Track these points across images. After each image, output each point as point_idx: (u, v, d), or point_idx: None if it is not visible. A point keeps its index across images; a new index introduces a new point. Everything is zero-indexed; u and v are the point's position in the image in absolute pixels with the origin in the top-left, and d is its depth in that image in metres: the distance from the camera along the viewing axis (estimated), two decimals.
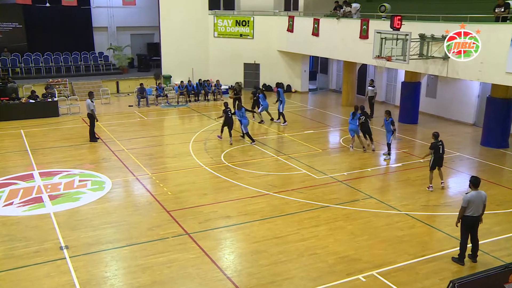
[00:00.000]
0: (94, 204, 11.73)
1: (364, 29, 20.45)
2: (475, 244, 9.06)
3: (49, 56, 27.79)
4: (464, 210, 8.76)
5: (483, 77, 15.54)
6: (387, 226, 10.71)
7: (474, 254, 9.09)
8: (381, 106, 23.88)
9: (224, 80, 27.01)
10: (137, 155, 15.56)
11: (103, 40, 30.13)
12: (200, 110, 23.01)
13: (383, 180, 13.89)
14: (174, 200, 11.97)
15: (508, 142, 16.93)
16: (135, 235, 10.12)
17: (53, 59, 27.81)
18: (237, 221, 10.85)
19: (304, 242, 9.84)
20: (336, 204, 11.80)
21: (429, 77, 21.76)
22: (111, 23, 30.29)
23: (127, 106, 23.52)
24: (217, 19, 27.98)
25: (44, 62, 27.56)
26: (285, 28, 26.31)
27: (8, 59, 26.65)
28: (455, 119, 20.84)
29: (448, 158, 15.49)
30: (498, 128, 16.70)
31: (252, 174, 13.89)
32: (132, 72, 29.07)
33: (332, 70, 29.30)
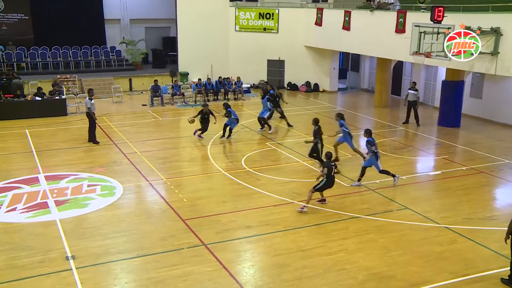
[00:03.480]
0: (104, 211, 11.84)
1: (400, 22, 20.24)
2: None
3: (57, 50, 28.37)
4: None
5: None
6: (424, 240, 10.52)
7: None
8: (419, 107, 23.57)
9: (246, 78, 27.08)
10: (150, 159, 15.69)
11: (115, 34, 30.61)
12: (220, 110, 23.07)
13: (420, 189, 13.67)
14: (190, 208, 12.01)
15: None
16: (147, 245, 10.16)
17: (62, 53, 28.39)
18: (258, 232, 10.81)
19: (331, 256, 9.75)
20: (367, 215, 11.66)
21: (474, 75, 21.38)
22: (124, 15, 30.76)
23: (141, 105, 23.77)
24: (238, 12, 28.11)
25: (51, 56, 28.16)
26: (313, 22, 26.25)
27: (13, 53, 27.21)
28: (503, 122, 20.42)
29: (495, 166, 15.19)
30: None
31: (275, 181, 13.86)
32: (146, 69, 29.45)
33: (364, 68, 29.10)
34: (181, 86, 24.92)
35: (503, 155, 16.18)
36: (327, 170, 11.77)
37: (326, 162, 11.99)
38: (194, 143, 17.58)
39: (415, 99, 20.05)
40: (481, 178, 14.21)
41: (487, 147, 17.13)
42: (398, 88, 26.18)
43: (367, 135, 13.55)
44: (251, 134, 18.76)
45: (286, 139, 18.02)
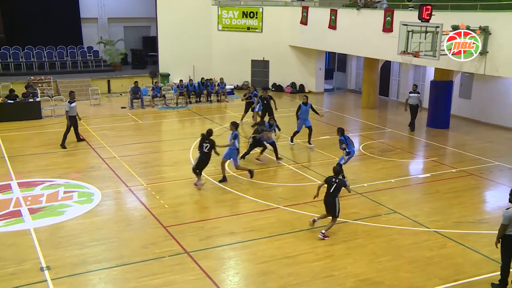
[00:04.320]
0: (81, 218, 11.72)
1: (388, 21, 20.41)
2: None
3: (31, 50, 28.02)
4: (505, 229, 8.62)
5: None
6: (414, 245, 10.60)
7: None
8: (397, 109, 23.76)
9: (229, 79, 27.07)
10: (130, 163, 15.59)
11: (92, 33, 30.40)
12: (202, 112, 23.06)
13: (409, 192, 13.77)
14: (172, 214, 11.95)
15: None
16: (127, 253, 10.09)
17: (35, 53, 28.03)
18: (243, 238, 10.79)
19: (318, 263, 9.77)
20: (355, 220, 11.71)
21: (463, 75, 21.64)
22: (101, 14, 30.57)
23: (120, 107, 23.62)
24: (221, 10, 28.12)
25: (24, 57, 27.78)
26: (298, 21, 26.36)
27: None
28: (493, 123, 20.68)
29: (485, 168, 15.38)
30: None
31: (260, 185, 13.86)
32: (125, 70, 29.26)
33: (351, 68, 29.29)
34: (162, 88, 24.81)
35: (493, 157, 16.38)
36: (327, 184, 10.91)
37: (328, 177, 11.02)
38: (175, 147, 17.50)
39: (417, 102, 19.73)
40: (471, 181, 14.37)
41: (476, 149, 17.33)
42: (386, 88, 26.39)
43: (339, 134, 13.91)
44: None
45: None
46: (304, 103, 17.33)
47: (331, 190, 10.77)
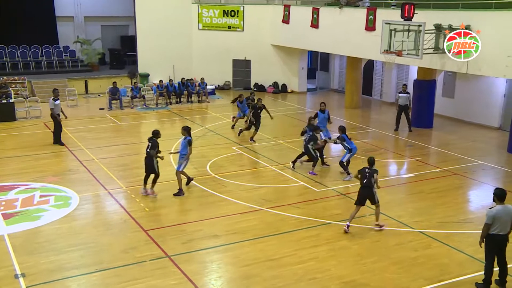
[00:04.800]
0: (58, 223, 11.59)
1: (370, 19, 20.59)
2: (502, 268, 9.04)
3: (3, 50, 27.68)
4: (489, 228, 8.75)
5: (510, 73, 15.68)
6: (399, 246, 10.69)
7: (502, 280, 9.06)
8: (390, 108, 24.01)
9: (210, 79, 27.03)
10: (109, 166, 15.48)
11: (68, 32, 30.13)
12: (183, 113, 22.99)
13: (392, 193, 13.90)
14: (153, 218, 11.89)
15: None
16: (106, 258, 10.01)
17: (8, 53, 27.69)
18: (226, 241, 10.78)
19: (302, 265, 9.79)
20: (339, 221, 11.77)
21: (446, 74, 21.92)
22: (77, 12, 30.30)
23: (98, 109, 23.43)
24: (201, 9, 28.07)
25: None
26: (279, 19, 26.43)
27: None
28: (477, 122, 20.98)
29: (469, 167, 15.59)
30: None
31: (242, 187, 13.86)
32: (103, 70, 29.07)
33: (333, 67, 29.46)
34: (141, 88, 24.68)
35: (476, 156, 16.62)
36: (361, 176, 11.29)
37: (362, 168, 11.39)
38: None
39: (407, 102, 19.76)
40: (455, 180, 14.56)
41: (460, 148, 17.57)
42: (369, 88, 26.61)
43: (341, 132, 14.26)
44: (217, 138, 18.73)
45: (253, 143, 18.04)
46: (322, 111, 16.34)
47: (365, 181, 11.12)
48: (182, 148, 13.20)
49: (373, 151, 17.20)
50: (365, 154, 16.79)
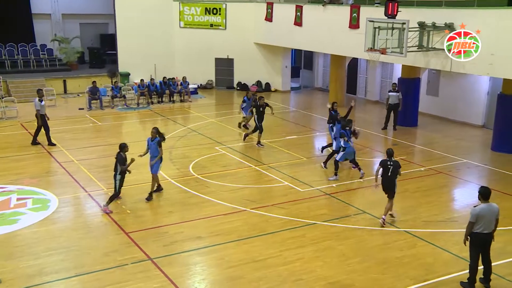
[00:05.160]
0: (36, 226, 11.48)
1: (354, 17, 20.70)
2: (487, 266, 9.15)
3: None
4: (473, 226, 8.86)
5: (493, 72, 15.90)
6: (384, 245, 10.77)
7: (487, 278, 9.19)
8: (375, 106, 24.19)
9: (193, 78, 26.96)
10: (89, 167, 15.36)
11: (46, 30, 29.77)
12: (165, 113, 22.88)
13: (378, 192, 13.93)
14: (134, 220, 11.83)
15: None
16: (87, 262, 9.94)
17: None
18: (209, 243, 10.77)
19: (287, 266, 9.82)
20: (324, 221, 11.82)
21: (430, 72, 22.14)
22: (55, 9, 29.97)
23: (77, 109, 23.24)
24: (183, 6, 27.97)
25: None
26: (262, 17, 26.45)
27: None
28: (461, 120, 21.23)
29: (454, 165, 15.77)
30: (511, 129, 17.02)
31: (226, 188, 13.85)
32: (82, 69, 28.82)
33: (317, 66, 29.57)
34: (121, 88, 24.52)
35: (460, 154, 16.81)
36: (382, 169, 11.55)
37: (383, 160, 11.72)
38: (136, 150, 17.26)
39: (397, 101, 19.81)
40: (439, 179, 14.71)
41: (444, 147, 17.76)
42: (353, 86, 26.75)
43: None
44: (199, 138, 18.69)
45: (236, 143, 18.04)
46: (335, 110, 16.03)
47: (389, 173, 11.39)
48: (153, 150, 12.96)
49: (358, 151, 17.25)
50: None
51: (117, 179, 12.14)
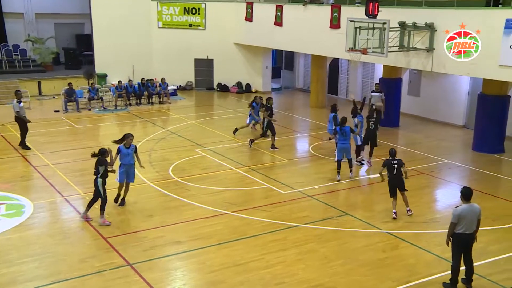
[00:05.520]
0: (10, 233, 11.31)
1: (335, 17, 20.83)
2: (469, 267, 9.25)
3: None
4: (454, 227, 8.94)
5: (473, 72, 16.13)
6: (367, 247, 10.85)
7: (469, 278, 9.28)
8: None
9: (172, 79, 26.84)
10: (66, 171, 15.21)
11: (18, 30, 29.46)
12: (143, 115, 22.75)
13: (360, 193, 14.11)
14: (112, 225, 11.72)
15: (504, 147, 17.53)
16: (63, 269, 9.82)
17: None
18: (190, 247, 10.73)
19: (269, 270, 9.82)
20: (306, 224, 11.86)
21: (411, 72, 22.37)
22: (28, 9, 29.62)
23: (53, 111, 23.00)
24: (161, 6, 27.84)
25: None
26: (242, 17, 26.47)
27: None
28: (442, 120, 21.48)
29: (435, 166, 15.94)
30: (491, 130, 17.30)
31: (206, 191, 13.81)
32: (57, 70, 28.56)
33: (298, 66, 29.69)
34: (99, 89, 24.32)
35: (442, 155, 17.00)
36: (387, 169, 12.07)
37: (386, 161, 12.19)
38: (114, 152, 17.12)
39: (380, 102, 19.63)
40: (421, 179, 14.86)
41: (426, 147, 17.95)
42: (335, 87, 26.91)
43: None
44: (179, 140, 18.61)
45: (216, 144, 18.00)
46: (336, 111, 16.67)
47: (395, 172, 11.91)
48: (131, 158, 12.48)
49: None
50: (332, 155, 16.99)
51: (99, 183, 11.68)
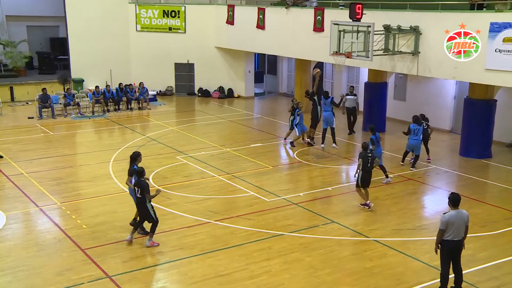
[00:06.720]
0: None
1: (318, 20, 20.98)
2: (458, 274, 9.35)
3: None
4: (443, 234, 9.02)
5: (459, 75, 16.37)
6: (354, 256, 10.92)
7: (458, 286, 9.38)
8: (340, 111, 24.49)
9: (151, 84, 26.78)
10: (41, 180, 15.07)
11: None
12: (122, 121, 22.64)
13: (346, 200, 14.16)
14: (91, 235, 11.65)
15: (491, 151, 17.77)
16: (38, 283, 9.72)
17: None
18: (171, 258, 10.70)
19: (254, 280, 9.83)
20: (291, 232, 11.89)
21: (396, 76, 22.59)
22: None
23: (26, 118, 22.79)
24: (139, 9, 27.80)
25: None
26: (224, 20, 26.52)
27: None
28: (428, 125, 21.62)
29: (423, 171, 16.11)
30: (478, 134, 17.55)
31: (188, 199, 13.79)
32: (31, 75, 28.32)
33: (282, 70, 29.79)
34: (75, 95, 24.15)
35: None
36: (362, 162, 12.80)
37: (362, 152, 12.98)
38: (93, 160, 17.05)
39: (354, 105, 20.42)
40: (409, 186, 15.01)
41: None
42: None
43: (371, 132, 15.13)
44: (159, 147, 18.56)
45: (198, 151, 17.99)
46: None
47: (369, 165, 12.77)
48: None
49: (325, 158, 17.52)
50: (317, 160, 17.10)
51: (149, 208, 11.08)
